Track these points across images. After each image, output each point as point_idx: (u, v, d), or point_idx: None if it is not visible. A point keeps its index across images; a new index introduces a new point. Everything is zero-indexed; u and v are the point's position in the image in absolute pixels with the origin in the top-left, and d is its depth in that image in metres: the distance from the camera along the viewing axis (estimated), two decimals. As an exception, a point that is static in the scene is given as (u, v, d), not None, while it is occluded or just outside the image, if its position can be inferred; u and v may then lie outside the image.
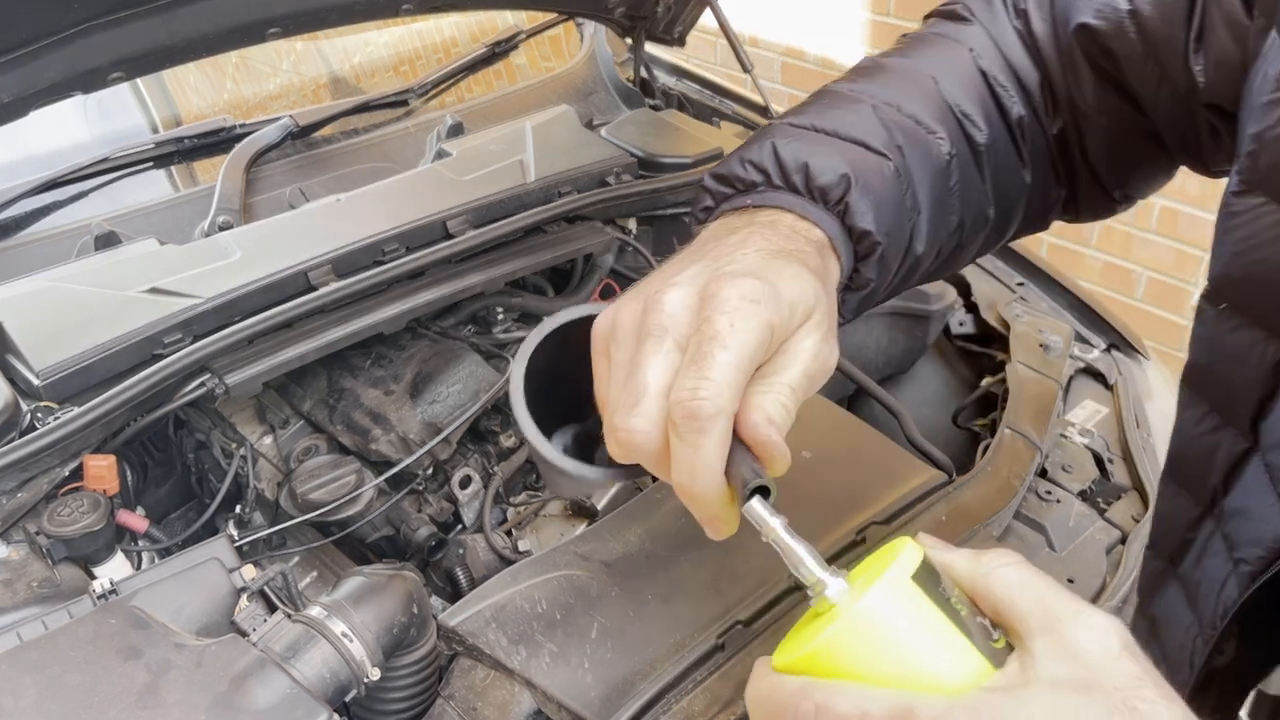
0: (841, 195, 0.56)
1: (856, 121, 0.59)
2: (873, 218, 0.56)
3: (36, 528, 0.91)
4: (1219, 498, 0.57)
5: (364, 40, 1.68)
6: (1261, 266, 0.52)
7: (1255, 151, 0.51)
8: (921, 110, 0.62)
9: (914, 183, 0.59)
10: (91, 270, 1.12)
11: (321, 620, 0.81)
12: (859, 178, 0.56)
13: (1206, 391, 0.58)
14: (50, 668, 0.74)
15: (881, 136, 0.59)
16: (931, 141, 0.61)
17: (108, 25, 1.08)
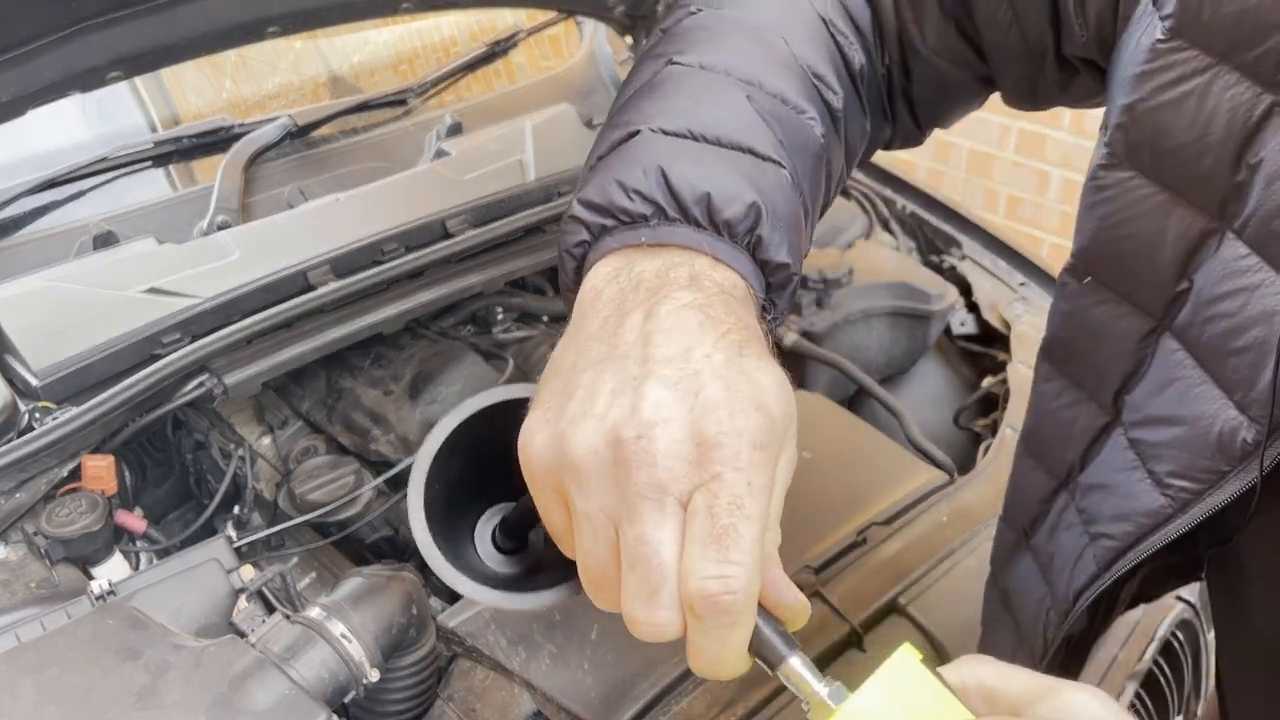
0: (751, 227, 0.48)
1: (734, 119, 0.51)
2: (786, 248, 0.49)
3: (35, 528, 0.91)
4: (1075, 472, 0.56)
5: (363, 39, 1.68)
6: (1130, 241, 0.51)
7: (1125, 124, 0.50)
8: (786, 85, 0.54)
9: (803, 185, 0.53)
10: (90, 270, 1.11)
11: (320, 621, 0.81)
12: (766, 202, 0.49)
13: (1067, 365, 0.57)
14: (48, 668, 0.74)
15: (764, 135, 0.51)
16: (804, 124, 0.54)
17: (106, 24, 1.08)
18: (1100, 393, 0.54)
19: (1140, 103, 0.49)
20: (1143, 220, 0.50)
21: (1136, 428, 0.52)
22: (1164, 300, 0.50)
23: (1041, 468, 0.59)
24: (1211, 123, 0.46)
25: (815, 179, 0.55)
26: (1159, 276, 0.50)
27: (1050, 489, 0.59)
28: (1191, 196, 0.48)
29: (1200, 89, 0.46)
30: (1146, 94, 0.48)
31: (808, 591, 0.92)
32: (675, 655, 0.86)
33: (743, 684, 0.86)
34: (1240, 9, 0.44)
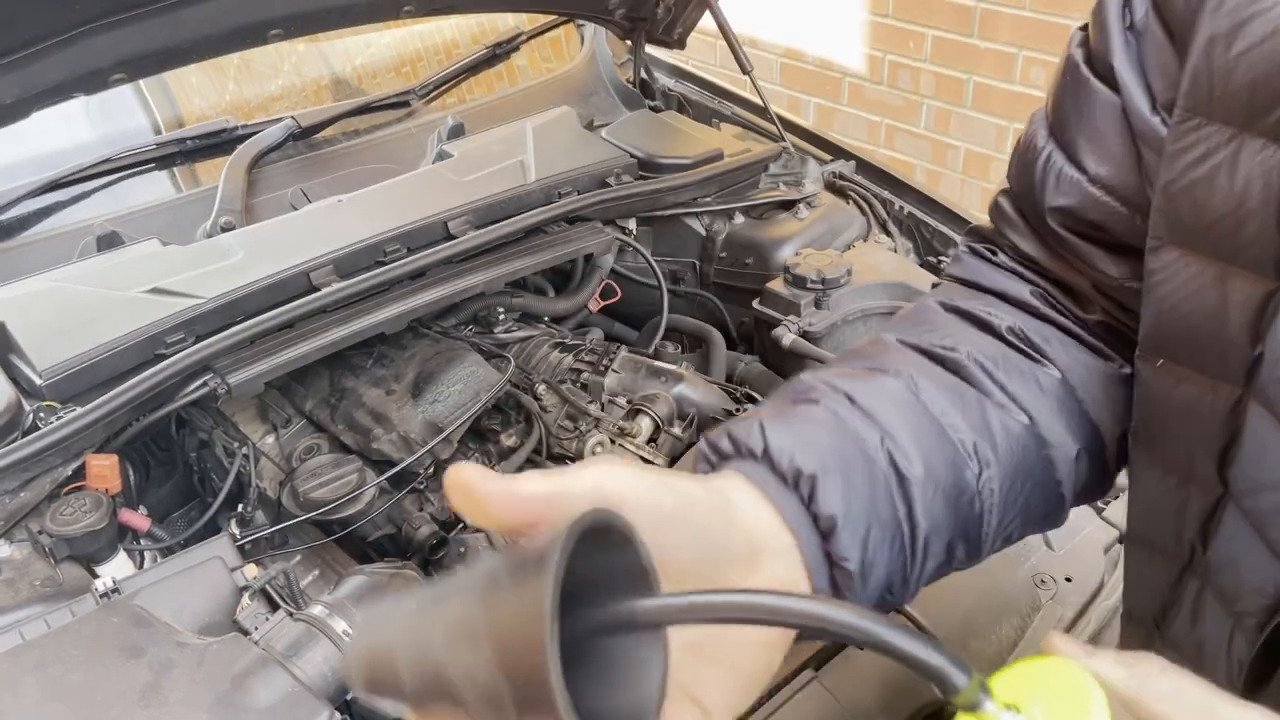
0: (762, 448, 0.48)
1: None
2: (797, 452, 0.48)
3: (39, 527, 0.91)
4: (1199, 553, 0.56)
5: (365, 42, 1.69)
6: (1192, 318, 0.51)
7: (1163, 206, 0.51)
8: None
9: (862, 410, 0.52)
10: (94, 271, 1.12)
11: (323, 619, 0.81)
12: (771, 426, 0.49)
13: (1161, 450, 0.56)
14: (52, 666, 0.74)
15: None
16: (883, 378, 0.55)
17: (110, 26, 1.09)
18: (1204, 469, 0.54)
19: (1172, 183, 0.49)
20: (1202, 295, 0.50)
21: (1248, 498, 0.51)
22: (1243, 368, 0.50)
23: (1158, 555, 0.58)
24: (1247, 190, 0.46)
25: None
26: (1232, 345, 0.50)
27: (1174, 575, 0.58)
28: (1244, 263, 0.48)
29: (1228, 160, 0.47)
30: (1177, 174, 0.49)
31: (807, 590, 0.93)
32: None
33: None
34: (1250, 79, 0.45)
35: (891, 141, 3.08)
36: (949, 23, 2.77)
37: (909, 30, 2.88)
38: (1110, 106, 0.54)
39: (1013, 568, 1.05)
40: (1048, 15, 2.54)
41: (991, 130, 2.83)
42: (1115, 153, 0.54)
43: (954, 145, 2.95)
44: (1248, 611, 0.52)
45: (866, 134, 3.13)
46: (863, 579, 0.48)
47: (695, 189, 1.48)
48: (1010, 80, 2.71)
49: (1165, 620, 0.59)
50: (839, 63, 3.10)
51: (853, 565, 0.47)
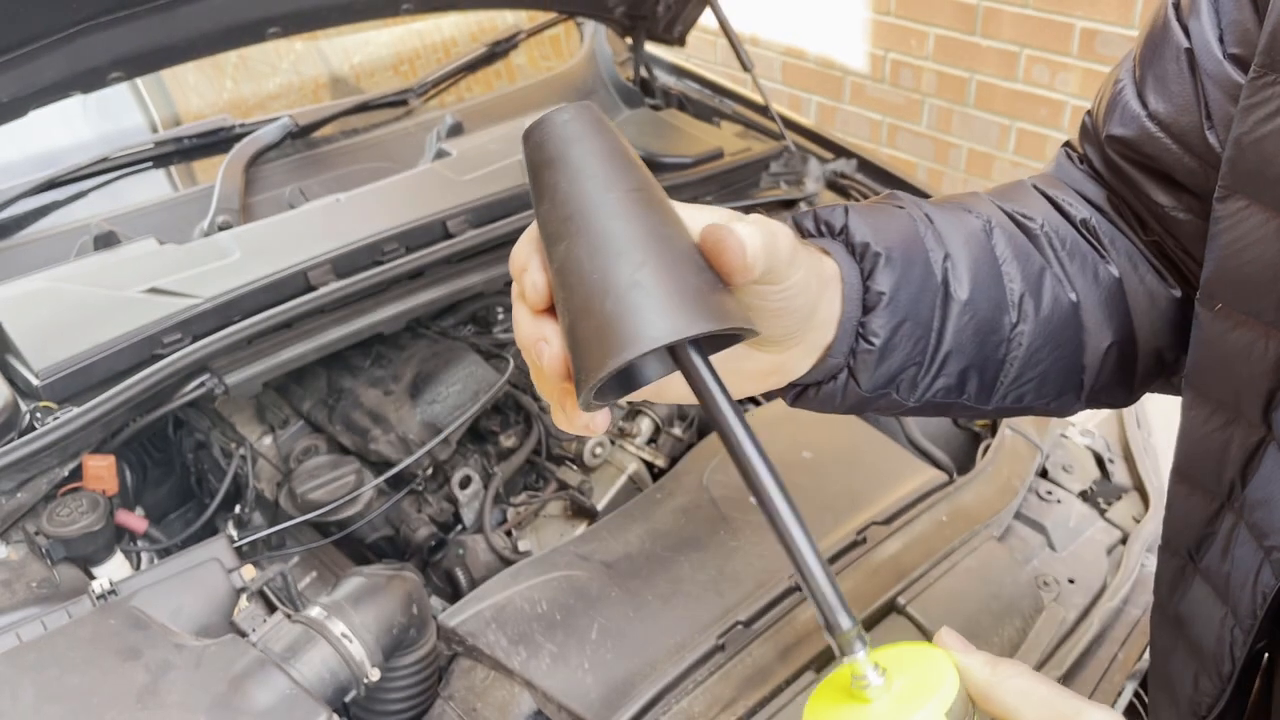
0: (842, 225, 0.56)
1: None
2: (871, 232, 0.55)
3: (36, 528, 0.91)
4: (1237, 490, 0.59)
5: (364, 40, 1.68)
6: (1252, 266, 0.54)
7: (1234, 156, 0.53)
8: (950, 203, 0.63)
9: (939, 231, 0.59)
10: (91, 270, 1.12)
11: (321, 621, 0.81)
12: (855, 210, 0.57)
13: (1211, 391, 0.59)
14: (49, 668, 0.74)
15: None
16: (966, 211, 0.62)
17: (107, 25, 1.08)
18: (1249, 412, 0.57)
19: (1244, 135, 0.52)
20: (1262, 245, 0.53)
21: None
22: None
23: (1200, 491, 0.62)
24: None
25: (972, 248, 0.60)
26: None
27: (1213, 510, 0.61)
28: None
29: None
30: (1249, 127, 0.52)
31: (807, 591, 0.93)
32: (675, 655, 0.86)
33: (743, 684, 0.86)
34: None
35: (893, 140, 3.08)
36: (951, 21, 2.76)
37: (911, 28, 2.87)
38: (1179, 50, 0.58)
39: (1015, 569, 1.04)
40: (1050, 14, 2.53)
41: (994, 129, 2.82)
42: (1176, 93, 0.58)
43: (956, 144, 2.94)
44: (1278, 546, 0.56)
45: (868, 132, 3.12)
46: (879, 359, 0.55)
47: (696, 188, 1.48)
48: (1012, 79, 2.70)
49: (1199, 552, 0.62)
50: (841, 61, 3.09)
51: (877, 343, 0.55)
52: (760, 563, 0.95)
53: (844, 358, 0.55)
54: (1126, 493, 1.18)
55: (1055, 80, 2.60)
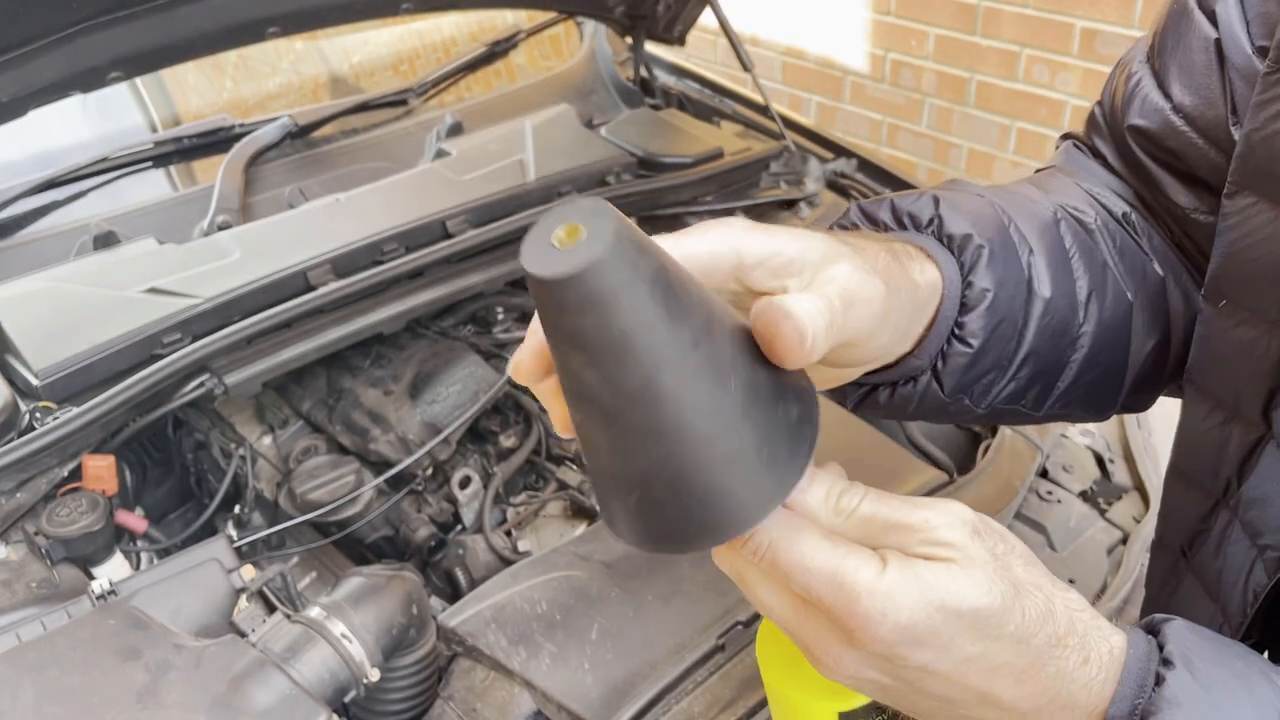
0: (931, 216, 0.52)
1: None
2: (969, 223, 0.51)
3: (35, 528, 0.91)
4: (1233, 488, 0.58)
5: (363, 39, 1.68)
6: (1257, 263, 0.53)
7: (1243, 153, 0.52)
8: (1020, 193, 0.60)
9: (1017, 223, 0.55)
10: (90, 270, 1.12)
11: (321, 621, 0.81)
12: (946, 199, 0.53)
13: (1211, 387, 0.59)
14: (49, 668, 0.74)
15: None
16: (1034, 201, 0.58)
17: (107, 24, 1.08)
18: (1249, 410, 0.56)
19: (1255, 131, 0.51)
20: (1269, 243, 0.52)
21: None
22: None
23: (1195, 488, 0.61)
24: None
25: (1048, 240, 0.56)
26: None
27: (1207, 507, 0.60)
28: None
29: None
30: (1261, 123, 0.51)
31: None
32: (675, 655, 0.86)
33: (743, 684, 0.86)
34: None
35: (893, 140, 3.07)
36: (951, 21, 2.76)
37: (911, 28, 2.87)
38: (1206, 41, 0.55)
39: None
40: (1050, 14, 2.53)
41: (994, 129, 2.82)
42: (1202, 85, 0.56)
43: (956, 144, 2.94)
44: (1272, 545, 0.55)
45: (868, 132, 3.12)
46: (969, 365, 0.51)
47: (695, 187, 1.47)
48: (1013, 79, 2.70)
49: (1192, 548, 0.61)
50: (841, 61, 3.09)
51: (975, 346, 0.50)
52: (760, 563, 0.95)
53: (930, 359, 0.50)
54: (1127, 493, 1.18)
55: (1055, 80, 2.60)
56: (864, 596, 0.38)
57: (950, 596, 0.38)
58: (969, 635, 0.39)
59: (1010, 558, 0.40)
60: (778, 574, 0.40)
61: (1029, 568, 0.41)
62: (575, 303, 0.33)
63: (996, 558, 0.40)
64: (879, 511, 0.41)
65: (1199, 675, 0.39)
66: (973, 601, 0.38)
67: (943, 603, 0.38)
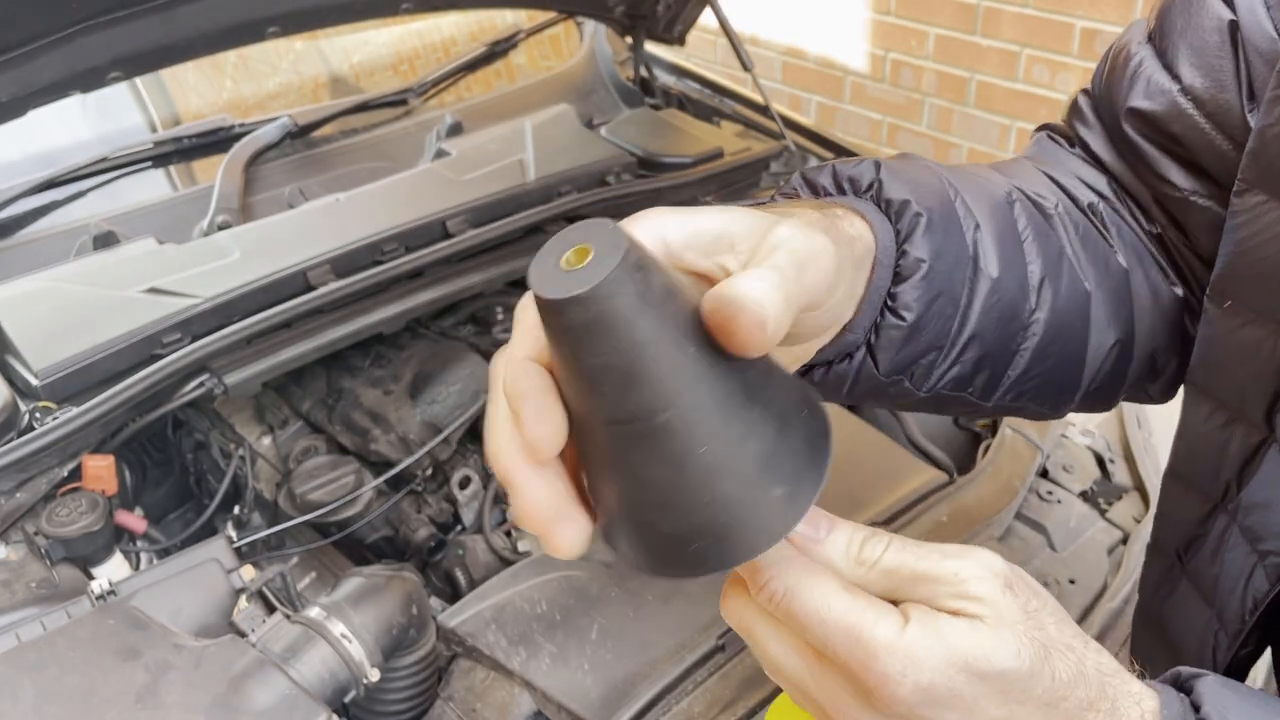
0: (871, 181, 0.49)
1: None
2: (909, 190, 0.48)
3: (35, 528, 0.91)
4: (1233, 492, 0.56)
5: (363, 39, 1.68)
6: (1265, 263, 0.52)
7: (1256, 149, 0.51)
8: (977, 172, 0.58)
9: (965, 197, 0.52)
10: (90, 270, 1.12)
11: (320, 621, 0.81)
12: (888, 165, 0.50)
13: (1214, 388, 0.57)
14: (49, 668, 0.74)
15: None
16: (987, 180, 0.56)
17: (106, 24, 1.08)
18: (1252, 412, 0.54)
19: (1269, 128, 0.50)
20: (1276, 243, 0.51)
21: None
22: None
23: (1194, 491, 0.59)
24: None
25: (997, 219, 0.53)
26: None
27: (1205, 511, 0.58)
28: None
29: None
30: (1275, 119, 0.50)
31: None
32: (675, 655, 0.86)
33: (743, 684, 0.86)
34: None
35: (894, 140, 3.08)
36: (951, 21, 2.76)
37: (911, 28, 2.87)
38: (1220, 22, 0.54)
39: (1015, 569, 1.04)
40: (1050, 13, 2.53)
41: (994, 129, 2.82)
42: (1214, 67, 0.54)
43: (956, 144, 2.94)
44: (1273, 551, 0.53)
45: (868, 132, 3.12)
46: (906, 338, 0.48)
47: (696, 188, 1.47)
48: (1013, 79, 2.70)
49: (1189, 553, 0.60)
50: (841, 61, 3.09)
51: (908, 319, 0.48)
52: (760, 563, 0.95)
53: (864, 333, 0.48)
54: (1127, 493, 1.17)
55: (1056, 80, 2.60)
56: (883, 654, 0.36)
57: (976, 659, 0.36)
58: (994, 698, 0.37)
59: (1043, 614, 0.38)
60: (793, 623, 0.37)
61: (1061, 626, 0.39)
62: (584, 324, 0.32)
63: (1029, 615, 0.38)
64: (905, 562, 0.38)
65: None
66: (999, 664, 0.36)
67: (967, 663, 0.36)
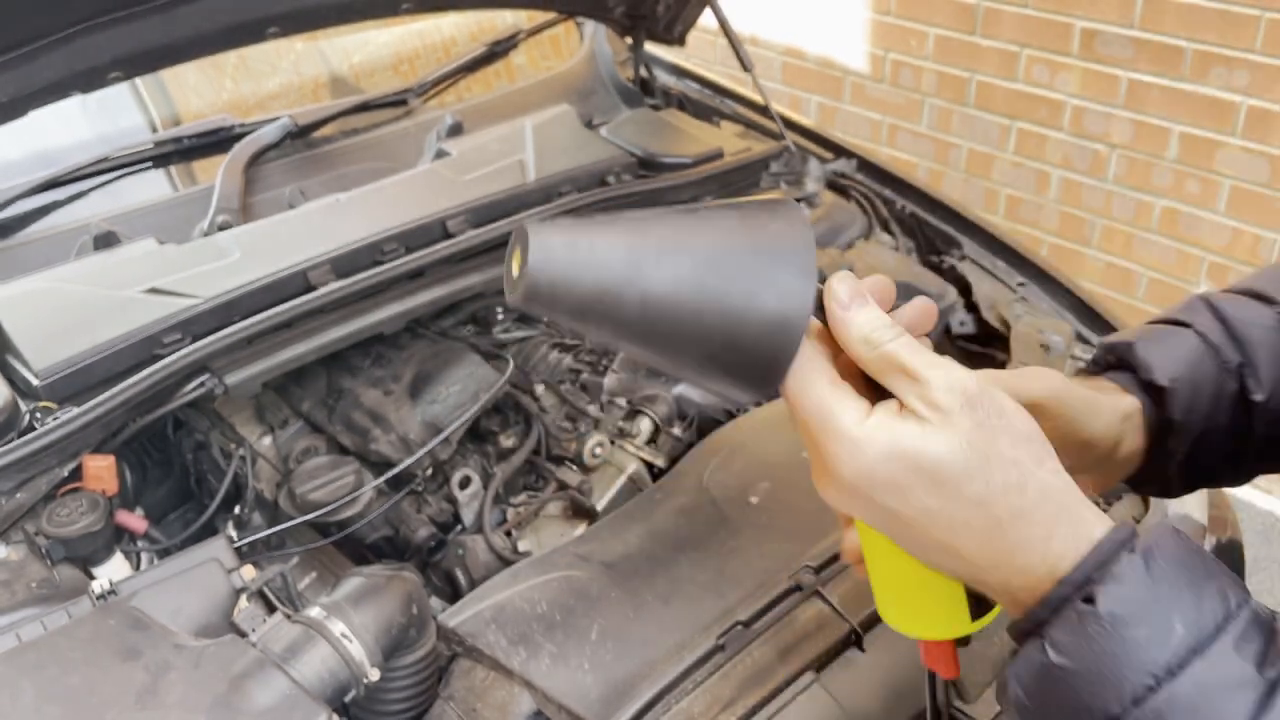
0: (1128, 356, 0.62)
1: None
2: (1157, 368, 0.60)
3: (35, 528, 0.91)
4: None
5: (363, 39, 1.68)
6: None
7: None
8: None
9: (1234, 328, 0.62)
10: (90, 270, 1.12)
11: (321, 621, 0.81)
12: (1143, 337, 0.63)
13: None
14: (49, 668, 0.74)
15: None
16: (1253, 306, 0.64)
17: (106, 24, 1.08)
18: None
19: None
20: None
21: None
22: None
23: None
24: None
25: (1271, 344, 0.63)
26: None
27: None
28: None
29: None
30: None
31: (808, 591, 0.92)
32: (675, 655, 0.86)
33: (743, 684, 0.86)
34: None
35: (893, 140, 3.08)
36: (951, 21, 2.76)
37: (911, 28, 2.87)
38: None
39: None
40: (1050, 14, 2.53)
41: (994, 129, 2.82)
42: None
43: (956, 144, 2.94)
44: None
45: (868, 132, 3.12)
46: (1186, 469, 0.61)
47: (695, 188, 1.48)
48: (1013, 79, 2.70)
49: None
50: (840, 61, 3.09)
51: (1176, 458, 0.60)
52: (760, 563, 0.95)
53: (1154, 474, 0.61)
54: (1127, 492, 1.17)
55: (1055, 80, 2.60)
56: (837, 437, 0.45)
57: (916, 452, 0.43)
58: (927, 489, 0.44)
59: (998, 431, 0.44)
60: (791, 405, 0.47)
61: (1017, 445, 0.44)
62: (547, 303, 0.43)
63: (980, 427, 0.44)
64: (900, 354, 0.45)
65: (1153, 567, 0.42)
66: (935, 460, 0.43)
67: (905, 455, 0.43)
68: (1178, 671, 0.39)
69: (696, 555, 0.96)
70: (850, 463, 0.45)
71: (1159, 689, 0.39)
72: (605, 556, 0.96)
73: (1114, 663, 0.40)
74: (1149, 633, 0.40)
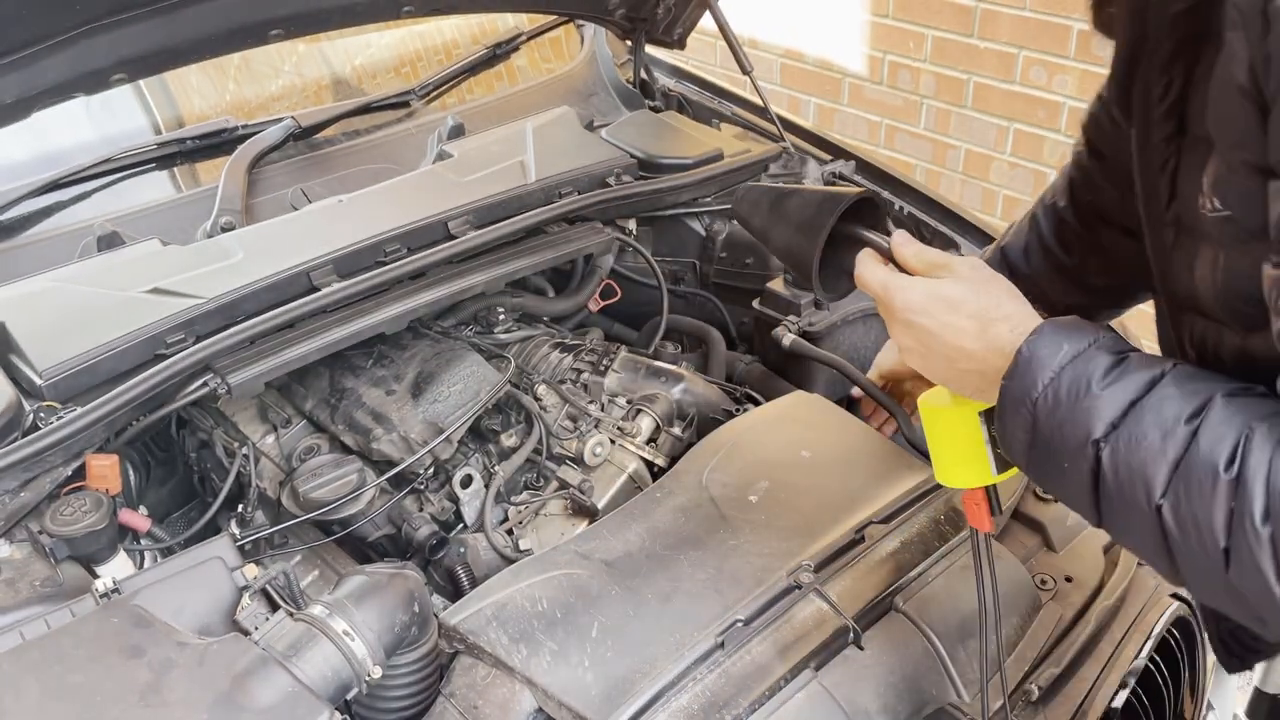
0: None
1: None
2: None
3: (39, 527, 0.91)
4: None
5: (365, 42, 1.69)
6: None
7: None
8: None
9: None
10: (94, 271, 1.12)
11: (323, 619, 0.81)
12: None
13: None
14: (53, 666, 0.74)
15: None
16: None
17: (110, 27, 1.09)
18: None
19: None
20: None
21: None
22: None
23: None
24: None
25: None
26: None
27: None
28: None
29: None
30: None
31: (807, 590, 0.93)
32: (675, 653, 0.87)
33: (742, 682, 0.87)
34: None
35: (892, 141, 3.08)
36: (949, 23, 2.77)
37: (909, 30, 2.88)
38: None
39: (1013, 568, 1.05)
40: (1048, 15, 2.54)
41: (991, 130, 2.83)
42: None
43: (954, 145, 2.95)
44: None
45: (867, 134, 3.13)
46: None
47: (695, 189, 1.48)
48: (1010, 80, 2.71)
49: None
50: (839, 63, 3.10)
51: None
52: (759, 561, 0.96)
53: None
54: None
55: (1053, 81, 2.61)
56: (895, 289, 0.78)
57: (935, 289, 0.76)
58: (943, 309, 0.75)
59: (984, 282, 0.75)
60: (863, 285, 0.82)
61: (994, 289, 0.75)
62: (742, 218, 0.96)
63: (974, 279, 0.75)
64: (936, 258, 0.79)
65: (1057, 325, 0.69)
66: (947, 292, 0.75)
67: (931, 291, 0.76)
68: (1066, 365, 0.67)
69: (696, 554, 0.97)
70: (901, 298, 0.77)
71: (1060, 376, 0.67)
72: (606, 555, 0.97)
73: (1032, 364, 0.69)
74: (1046, 352, 0.68)
